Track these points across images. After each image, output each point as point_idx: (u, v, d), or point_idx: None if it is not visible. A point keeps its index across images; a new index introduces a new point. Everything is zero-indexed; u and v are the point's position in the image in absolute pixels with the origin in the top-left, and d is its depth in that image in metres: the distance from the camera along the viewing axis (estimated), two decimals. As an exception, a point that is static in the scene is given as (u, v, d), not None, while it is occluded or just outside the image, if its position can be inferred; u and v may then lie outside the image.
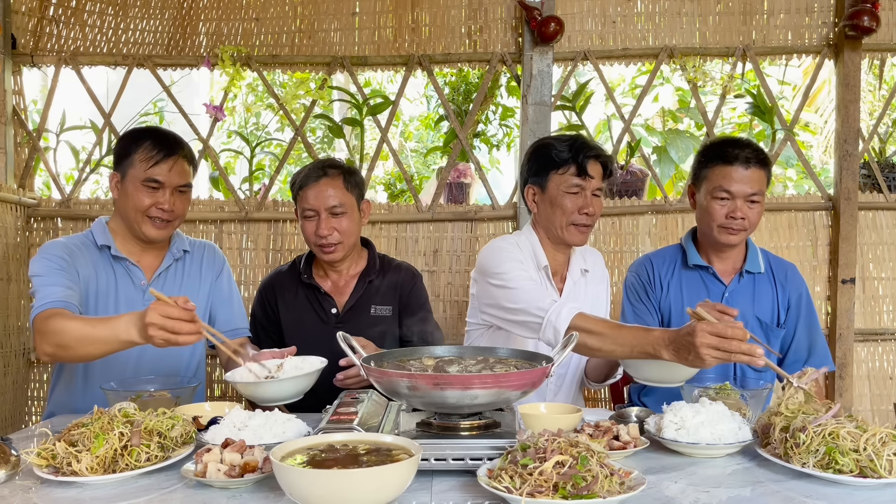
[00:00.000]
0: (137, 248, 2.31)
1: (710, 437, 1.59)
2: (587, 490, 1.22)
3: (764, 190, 2.36)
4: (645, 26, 3.50)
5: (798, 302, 2.44)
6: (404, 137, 6.60)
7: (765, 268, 2.45)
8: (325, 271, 2.51)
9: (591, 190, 2.31)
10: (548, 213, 2.35)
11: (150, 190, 2.21)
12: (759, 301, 2.42)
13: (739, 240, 2.38)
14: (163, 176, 2.21)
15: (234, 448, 1.44)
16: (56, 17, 3.43)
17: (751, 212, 2.34)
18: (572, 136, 2.39)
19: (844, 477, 1.40)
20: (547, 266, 2.37)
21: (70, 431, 1.49)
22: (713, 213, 2.35)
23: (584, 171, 2.27)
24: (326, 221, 2.36)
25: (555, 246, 2.41)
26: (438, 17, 3.50)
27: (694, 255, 2.46)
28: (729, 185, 2.32)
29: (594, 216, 2.33)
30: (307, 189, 2.38)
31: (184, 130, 3.73)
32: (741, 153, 2.33)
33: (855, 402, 3.51)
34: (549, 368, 1.55)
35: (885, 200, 3.55)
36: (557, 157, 2.30)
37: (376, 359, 1.68)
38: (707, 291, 2.43)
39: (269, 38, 3.50)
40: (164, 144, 2.23)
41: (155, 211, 2.22)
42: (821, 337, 2.46)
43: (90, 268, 2.24)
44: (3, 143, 3.31)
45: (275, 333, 2.52)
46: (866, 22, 3.23)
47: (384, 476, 1.22)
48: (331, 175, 2.38)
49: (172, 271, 2.36)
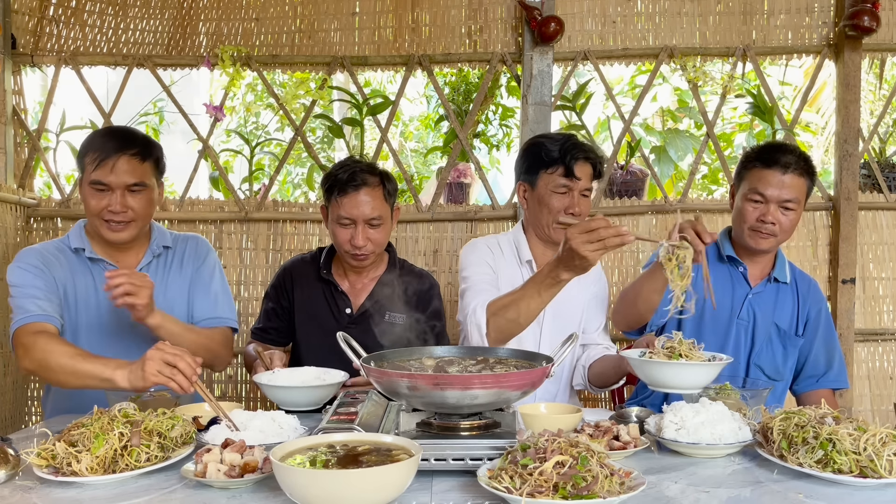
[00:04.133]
0: (113, 248, 2.25)
1: (710, 437, 1.59)
2: (587, 490, 1.22)
3: (802, 199, 2.32)
4: (645, 26, 3.50)
5: (818, 317, 2.44)
6: (404, 137, 6.60)
7: (790, 279, 2.45)
8: (345, 271, 2.49)
9: (579, 190, 2.32)
10: (536, 210, 2.37)
11: (99, 193, 2.12)
12: (780, 309, 2.42)
13: (768, 245, 2.35)
14: (106, 177, 2.10)
15: (234, 448, 1.44)
16: (56, 17, 3.43)
17: (784, 218, 2.31)
18: (564, 135, 2.39)
19: (844, 477, 1.40)
20: (531, 260, 2.39)
21: (70, 431, 1.49)
22: (745, 215, 2.34)
23: (571, 173, 2.28)
24: (363, 232, 2.31)
25: (544, 243, 2.42)
26: (438, 17, 3.50)
27: (728, 247, 2.44)
28: (764, 188, 2.30)
29: (580, 216, 2.31)
30: (346, 197, 2.30)
31: (184, 130, 3.75)
32: (782, 158, 2.30)
33: (855, 402, 3.51)
34: (549, 368, 1.55)
35: (885, 200, 3.55)
36: (547, 157, 2.31)
37: (376, 359, 1.68)
38: (732, 289, 2.42)
39: (269, 38, 3.50)
40: (108, 144, 2.12)
41: (107, 214, 2.13)
42: (839, 355, 2.45)
43: (66, 273, 2.20)
44: (3, 143, 3.31)
45: (285, 318, 2.51)
46: (866, 22, 3.23)
47: (384, 476, 1.22)
48: (371, 184, 2.31)
49: (153, 268, 2.29)
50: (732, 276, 2.44)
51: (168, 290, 2.30)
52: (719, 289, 2.39)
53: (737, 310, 2.41)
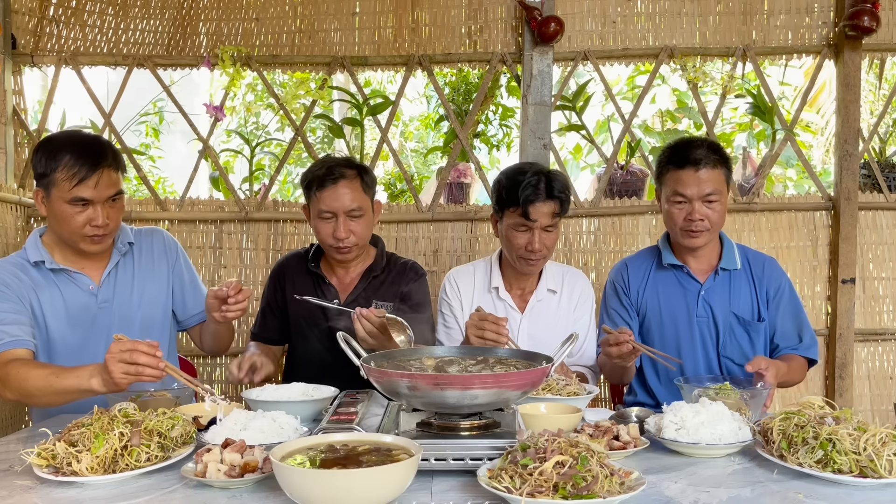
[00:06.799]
0: (78, 256, 2.18)
1: (710, 437, 1.59)
2: (587, 490, 1.22)
3: (722, 188, 2.32)
4: (645, 26, 3.50)
5: (777, 293, 2.42)
6: (404, 137, 6.60)
7: (741, 264, 2.44)
8: (332, 266, 2.52)
9: (541, 228, 2.35)
10: (504, 243, 2.47)
11: (80, 208, 2.05)
12: (736, 297, 2.42)
13: (703, 241, 2.37)
14: (90, 193, 2.03)
15: (234, 448, 1.44)
16: (56, 17, 3.43)
17: (710, 212, 2.32)
18: (528, 173, 2.36)
19: (844, 477, 1.40)
20: (498, 287, 2.53)
21: (70, 431, 1.49)
22: (673, 218, 2.36)
23: (527, 215, 2.32)
24: (344, 224, 2.34)
25: (515, 270, 2.51)
26: (438, 17, 3.50)
27: (668, 255, 2.46)
28: (683, 188, 2.31)
29: (542, 251, 2.37)
30: (324, 191, 2.34)
31: (184, 130, 3.75)
32: (692, 155, 2.30)
33: (855, 402, 3.51)
34: (549, 368, 1.55)
35: (885, 200, 3.55)
36: (506, 196, 2.37)
37: (376, 359, 1.68)
38: (683, 290, 2.44)
39: (269, 38, 3.50)
40: (86, 158, 2.03)
41: (90, 229, 2.07)
42: (808, 327, 2.45)
43: (28, 289, 2.12)
44: (3, 143, 3.31)
45: (281, 314, 2.54)
46: (866, 22, 3.23)
47: (384, 476, 1.22)
48: (348, 177, 2.35)
49: (122, 267, 2.26)
50: (679, 279, 2.46)
51: (146, 286, 2.28)
52: (670, 294, 2.45)
53: (693, 309, 2.42)
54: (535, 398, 1.89)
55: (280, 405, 1.83)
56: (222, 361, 3.53)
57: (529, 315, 2.52)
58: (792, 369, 2.31)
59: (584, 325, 2.55)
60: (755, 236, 3.51)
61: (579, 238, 3.55)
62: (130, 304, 2.26)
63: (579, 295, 2.57)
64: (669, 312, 2.45)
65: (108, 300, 2.21)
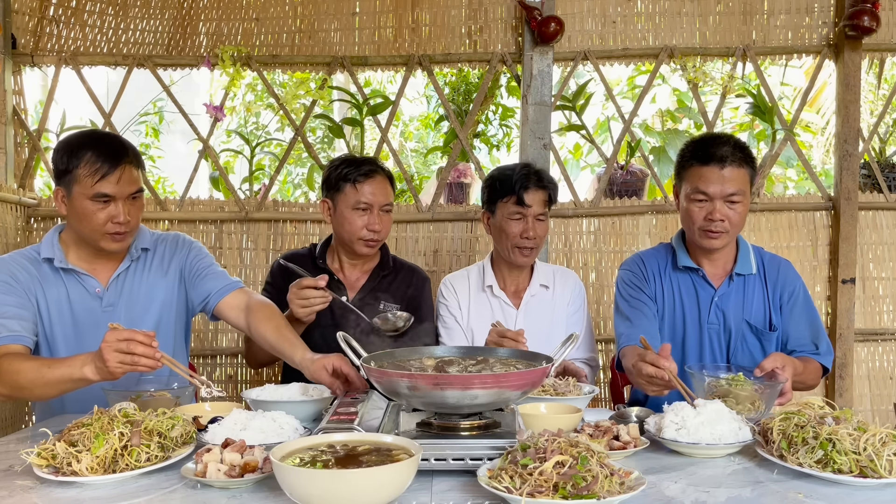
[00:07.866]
0: (92, 256, 2.17)
1: (710, 437, 1.59)
2: (587, 490, 1.22)
3: (745, 189, 2.23)
4: (645, 26, 3.50)
5: (791, 298, 2.33)
6: (404, 137, 6.60)
7: (756, 268, 2.34)
8: (341, 265, 2.54)
9: (533, 216, 2.50)
10: (497, 236, 2.58)
11: (102, 205, 2.04)
12: (750, 304, 2.33)
13: (722, 243, 2.27)
14: (112, 189, 2.03)
15: (234, 448, 1.44)
16: (56, 17, 3.43)
17: (732, 213, 2.21)
18: (518, 167, 2.58)
19: (844, 477, 1.40)
20: (492, 285, 2.62)
21: (70, 431, 1.49)
22: (692, 216, 2.26)
23: (522, 201, 2.47)
24: (380, 217, 2.43)
25: (508, 266, 2.61)
26: (438, 17, 3.51)
27: (684, 256, 2.36)
28: (705, 186, 2.21)
29: (535, 239, 2.51)
30: (365, 183, 2.41)
31: (184, 130, 3.75)
32: (717, 152, 2.20)
33: (855, 402, 3.51)
34: (549, 368, 1.55)
35: (885, 200, 3.55)
36: (501, 187, 2.52)
37: (376, 359, 1.68)
38: (696, 295, 2.35)
39: (269, 38, 3.51)
40: (109, 154, 2.03)
41: (112, 227, 2.06)
42: (824, 335, 2.33)
43: (35, 284, 2.11)
44: (3, 143, 3.31)
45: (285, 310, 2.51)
46: (866, 22, 3.23)
47: (384, 476, 1.22)
48: (382, 173, 2.47)
49: (131, 272, 2.23)
50: (694, 282, 2.36)
51: (155, 291, 2.26)
52: (683, 297, 2.36)
53: (704, 315, 2.33)
54: (535, 398, 1.90)
55: (280, 405, 1.83)
56: (222, 361, 3.54)
57: (525, 311, 2.58)
58: (807, 370, 2.20)
59: (579, 319, 2.62)
60: (755, 236, 3.51)
61: (579, 238, 3.56)
62: (136, 308, 2.23)
63: (571, 291, 2.64)
64: (680, 316, 2.36)
65: (113, 304, 2.20)
